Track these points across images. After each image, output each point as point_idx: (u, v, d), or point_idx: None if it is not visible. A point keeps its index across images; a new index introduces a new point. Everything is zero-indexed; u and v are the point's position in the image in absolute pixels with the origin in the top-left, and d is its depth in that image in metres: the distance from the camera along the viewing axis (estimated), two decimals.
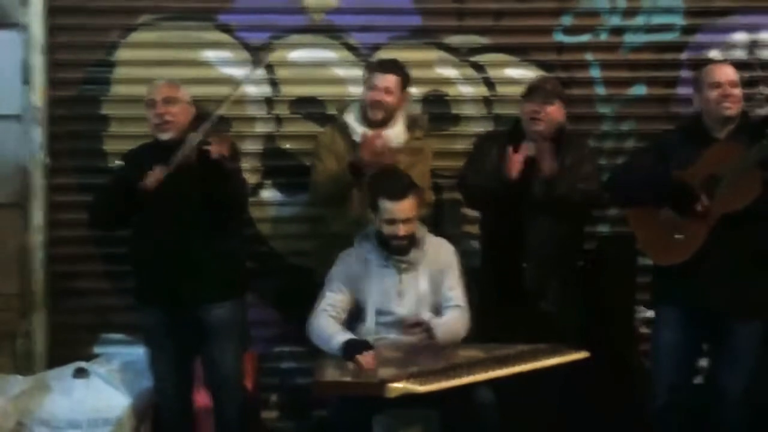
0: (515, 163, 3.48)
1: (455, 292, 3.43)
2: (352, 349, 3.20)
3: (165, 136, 3.43)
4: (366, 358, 3.16)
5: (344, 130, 3.73)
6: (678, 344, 3.38)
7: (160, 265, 3.41)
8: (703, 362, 3.58)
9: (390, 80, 3.68)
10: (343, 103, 3.88)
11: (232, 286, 3.52)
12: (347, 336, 3.27)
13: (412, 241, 3.40)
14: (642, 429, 3.53)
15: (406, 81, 3.74)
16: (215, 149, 3.28)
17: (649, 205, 3.37)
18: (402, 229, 3.33)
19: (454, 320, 3.38)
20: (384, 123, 3.68)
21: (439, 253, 3.46)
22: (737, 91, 3.34)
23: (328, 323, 3.34)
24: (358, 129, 3.68)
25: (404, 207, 3.33)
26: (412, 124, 3.79)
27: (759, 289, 3.29)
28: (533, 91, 3.61)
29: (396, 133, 3.70)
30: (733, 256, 3.23)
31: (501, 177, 3.49)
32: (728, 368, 3.35)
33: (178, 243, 3.39)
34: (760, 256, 3.29)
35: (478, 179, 3.60)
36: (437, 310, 3.42)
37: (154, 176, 3.30)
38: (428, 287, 3.41)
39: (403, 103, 3.74)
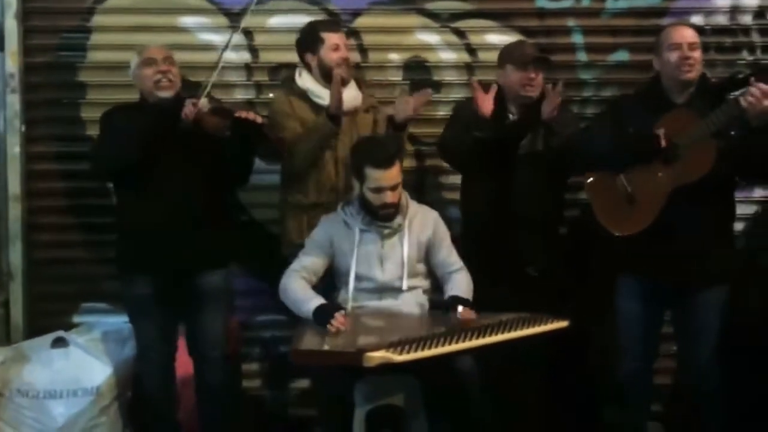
0: (485, 99, 3.46)
1: (454, 256, 3.44)
2: (324, 314, 3.16)
3: (166, 94, 3.42)
4: (338, 321, 3.12)
5: (303, 95, 3.65)
6: (640, 314, 3.37)
7: (159, 231, 3.37)
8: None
9: (344, 38, 3.68)
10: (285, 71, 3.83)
11: (226, 254, 3.54)
12: (318, 301, 3.24)
13: (397, 208, 3.38)
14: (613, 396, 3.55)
15: None
16: (252, 115, 3.33)
17: (608, 169, 3.32)
18: (390, 196, 3.31)
19: (466, 284, 3.38)
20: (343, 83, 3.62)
21: (425, 221, 3.44)
22: (697, 54, 3.27)
23: (299, 286, 3.31)
24: (321, 92, 3.60)
25: (392, 174, 3.30)
26: (358, 82, 3.75)
27: (718, 257, 3.28)
28: (526, 60, 3.54)
29: (355, 93, 3.66)
30: (690, 227, 3.20)
31: (477, 121, 3.45)
32: (695, 336, 3.35)
33: (180, 209, 3.37)
34: (717, 225, 3.28)
35: (456, 134, 3.57)
36: (423, 276, 3.43)
37: (191, 107, 3.29)
38: (413, 254, 3.39)
39: None
